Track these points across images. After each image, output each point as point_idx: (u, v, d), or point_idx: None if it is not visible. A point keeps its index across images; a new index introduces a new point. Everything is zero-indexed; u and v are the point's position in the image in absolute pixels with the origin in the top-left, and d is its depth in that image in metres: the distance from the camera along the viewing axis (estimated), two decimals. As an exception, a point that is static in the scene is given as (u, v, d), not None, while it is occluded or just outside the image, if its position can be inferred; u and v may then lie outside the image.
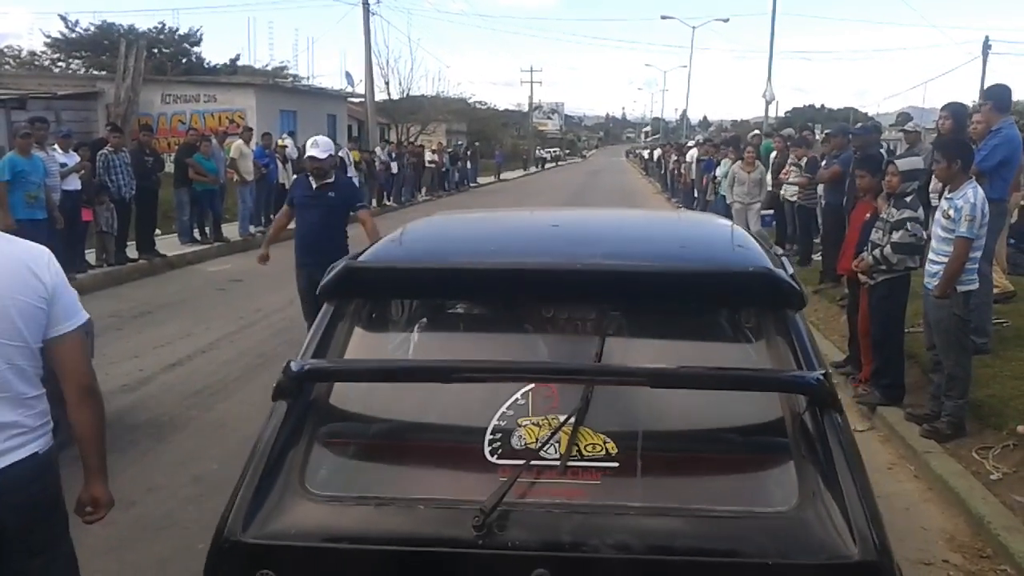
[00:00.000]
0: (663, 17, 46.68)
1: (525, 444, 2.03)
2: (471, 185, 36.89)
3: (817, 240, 11.33)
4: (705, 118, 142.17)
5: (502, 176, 45.13)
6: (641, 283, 2.30)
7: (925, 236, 5.88)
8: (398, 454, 2.19)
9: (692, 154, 19.49)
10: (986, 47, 31.16)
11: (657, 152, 40.17)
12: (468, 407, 2.19)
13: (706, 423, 2.24)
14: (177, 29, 36.96)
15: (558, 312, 2.45)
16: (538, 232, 3.11)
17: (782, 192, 12.21)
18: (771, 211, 13.33)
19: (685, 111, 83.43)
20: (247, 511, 1.88)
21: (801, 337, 2.25)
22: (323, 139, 6.63)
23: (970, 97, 41.84)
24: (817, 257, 11.03)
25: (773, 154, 13.33)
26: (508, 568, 1.81)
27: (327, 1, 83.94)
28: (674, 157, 25.37)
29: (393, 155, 25.47)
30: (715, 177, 15.33)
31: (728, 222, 3.61)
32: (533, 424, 2.06)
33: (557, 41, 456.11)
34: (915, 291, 6.07)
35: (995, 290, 7.30)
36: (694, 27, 52.42)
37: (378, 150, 25.02)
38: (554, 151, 78.15)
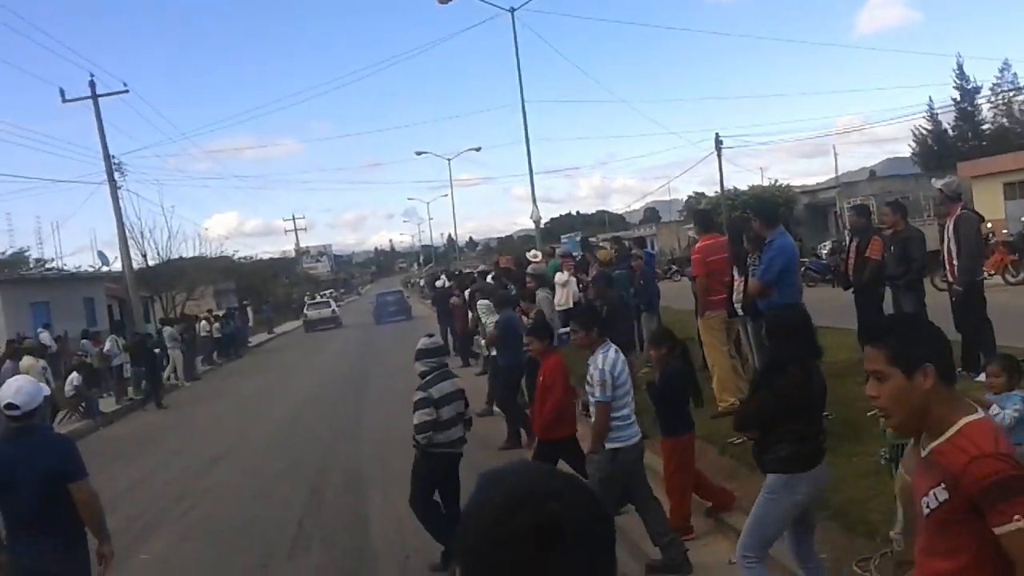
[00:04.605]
0: (418, 153, 48.36)
1: None
2: (249, 346, 34.68)
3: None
4: (471, 239, 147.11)
5: (275, 330, 43.05)
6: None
7: (435, 415, 5.80)
8: None
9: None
10: (718, 142, 34.92)
11: (441, 281, 38.87)
12: None
13: None
14: None
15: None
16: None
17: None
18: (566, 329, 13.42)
19: (451, 235, 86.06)
20: None
21: None
22: (27, 381, 4.72)
23: (712, 187, 46.46)
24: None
25: (562, 275, 13.36)
26: None
27: (68, 185, 79.49)
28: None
29: (178, 336, 22.35)
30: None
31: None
32: None
33: (316, 189, 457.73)
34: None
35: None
36: (449, 159, 54.73)
37: (151, 331, 22.37)
38: (329, 292, 76.15)
